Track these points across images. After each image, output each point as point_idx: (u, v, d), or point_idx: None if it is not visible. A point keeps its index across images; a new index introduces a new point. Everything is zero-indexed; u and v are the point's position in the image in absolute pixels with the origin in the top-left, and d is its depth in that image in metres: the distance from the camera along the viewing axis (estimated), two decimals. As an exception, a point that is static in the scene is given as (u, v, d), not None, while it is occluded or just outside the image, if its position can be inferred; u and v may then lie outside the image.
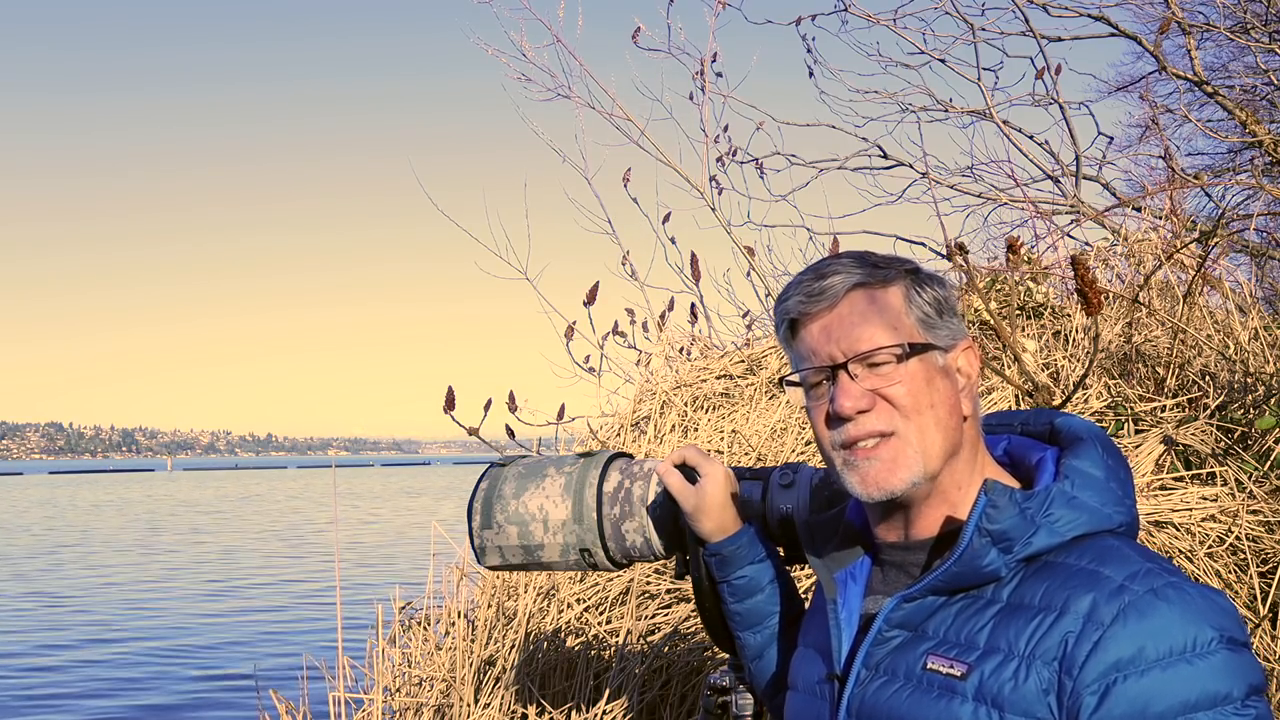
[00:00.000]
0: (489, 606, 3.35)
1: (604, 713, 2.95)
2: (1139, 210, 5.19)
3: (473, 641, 3.18)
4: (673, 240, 4.99)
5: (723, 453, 3.65)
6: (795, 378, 1.30)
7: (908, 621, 1.23)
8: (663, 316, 4.71)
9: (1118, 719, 1.07)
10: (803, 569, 3.02)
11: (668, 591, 3.26)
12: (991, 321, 3.25)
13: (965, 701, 1.14)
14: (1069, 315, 3.94)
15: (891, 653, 1.23)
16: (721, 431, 3.74)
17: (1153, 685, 1.06)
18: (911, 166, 5.90)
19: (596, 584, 3.32)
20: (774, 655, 1.60)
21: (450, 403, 3.67)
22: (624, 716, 2.95)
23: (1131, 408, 3.34)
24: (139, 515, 36.82)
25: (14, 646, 11.67)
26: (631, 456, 1.78)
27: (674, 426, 3.93)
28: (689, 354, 4.79)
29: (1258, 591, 2.79)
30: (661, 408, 4.01)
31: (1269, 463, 3.01)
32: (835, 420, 1.25)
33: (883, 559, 1.33)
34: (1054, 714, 1.10)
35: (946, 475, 1.25)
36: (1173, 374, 3.46)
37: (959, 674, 1.15)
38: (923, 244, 5.42)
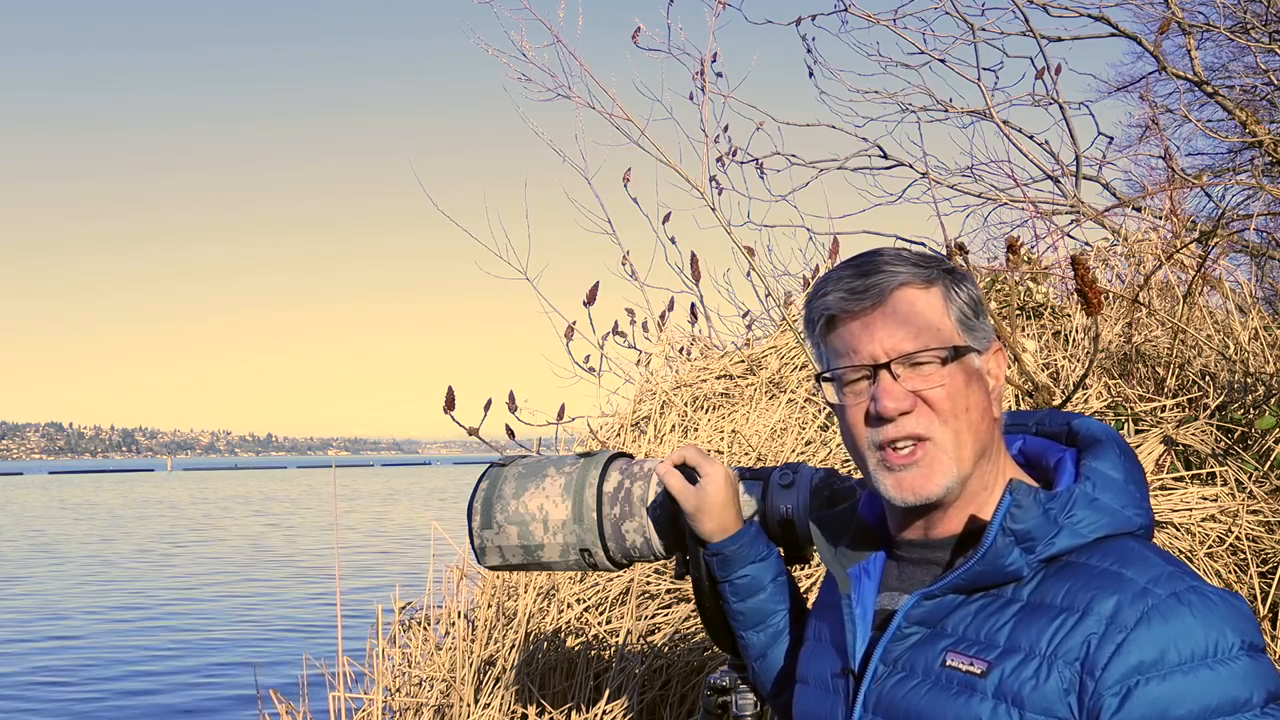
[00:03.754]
0: (489, 606, 3.34)
1: (604, 713, 2.95)
2: (1139, 210, 5.19)
3: (473, 641, 3.18)
4: (673, 240, 4.99)
5: (723, 453, 3.65)
6: (830, 374, 1.30)
7: (927, 618, 1.24)
8: (663, 316, 4.71)
9: None
10: (802, 569, 3.02)
11: (668, 591, 3.26)
12: (992, 321, 3.25)
13: (985, 699, 1.15)
14: (1069, 315, 3.94)
15: (910, 649, 1.23)
16: (721, 431, 3.74)
17: (1174, 689, 1.07)
18: (911, 166, 5.90)
19: (596, 584, 3.32)
20: (778, 654, 1.60)
21: (450, 403, 3.67)
22: (624, 716, 2.95)
23: (1131, 408, 3.34)
24: (137, 516, 36.81)
25: (13, 647, 11.67)
26: (631, 456, 1.78)
27: (674, 426, 3.93)
28: (689, 354, 4.79)
29: (1258, 591, 2.79)
30: (661, 408, 4.01)
31: (1269, 463, 3.01)
32: (875, 420, 1.25)
33: (900, 555, 1.33)
34: (1074, 714, 1.10)
35: (975, 477, 1.26)
36: (1173, 374, 3.46)
37: (979, 672, 1.16)
38: (923, 244, 5.42)
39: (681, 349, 4.79)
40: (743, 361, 4.29)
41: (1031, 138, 5.87)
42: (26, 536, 27.82)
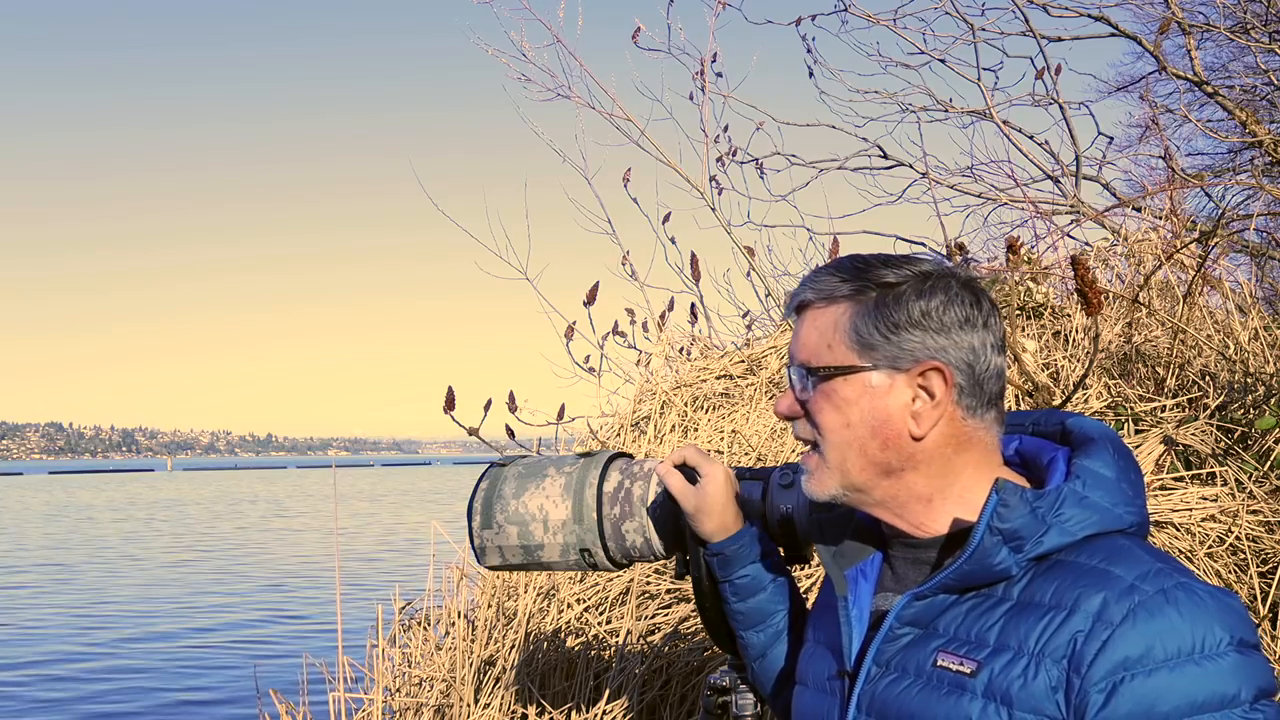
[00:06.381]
0: (489, 606, 3.35)
1: (604, 713, 2.95)
2: (1139, 210, 5.19)
3: (473, 641, 3.18)
4: (673, 240, 5.00)
5: (723, 453, 3.65)
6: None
7: (919, 619, 1.24)
8: (663, 316, 4.71)
9: (1123, 717, 1.07)
10: (802, 569, 3.02)
11: (668, 591, 3.26)
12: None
13: (975, 698, 1.15)
14: (1069, 315, 3.94)
15: (902, 650, 1.24)
16: (721, 431, 3.74)
17: (1160, 685, 1.07)
18: (911, 166, 5.91)
19: (596, 584, 3.32)
20: (778, 654, 1.60)
21: (450, 403, 3.68)
22: (624, 716, 2.95)
23: (1131, 408, 3.34)
24: (137, 515, 36.82)
25: (13, 648, 11.68)
26: (631, 456, 1.78)
27: (674, 426, 3.93)
28: (689, 354, 4.79)
29: (1258, 591, 2.79)
30: (661, 408, 4.01)
31: (1269, 463, 3.01)
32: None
33: (893, 556, 1.34)
34: (1062, 712, 1.11)
35: (897, 489, 1.27)
36: (1173, 374, 3.46)
37: (969, 671, 1.16)
38: (922, 244, 5.43)
39: (681, 349, 4.80)
40: (743, 361, 4.30)
41: (1031, 138, 5.88)
42: (29, 537, 27.83)
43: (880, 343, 1.26)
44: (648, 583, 3.27)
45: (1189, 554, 2.86)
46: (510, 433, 4.12)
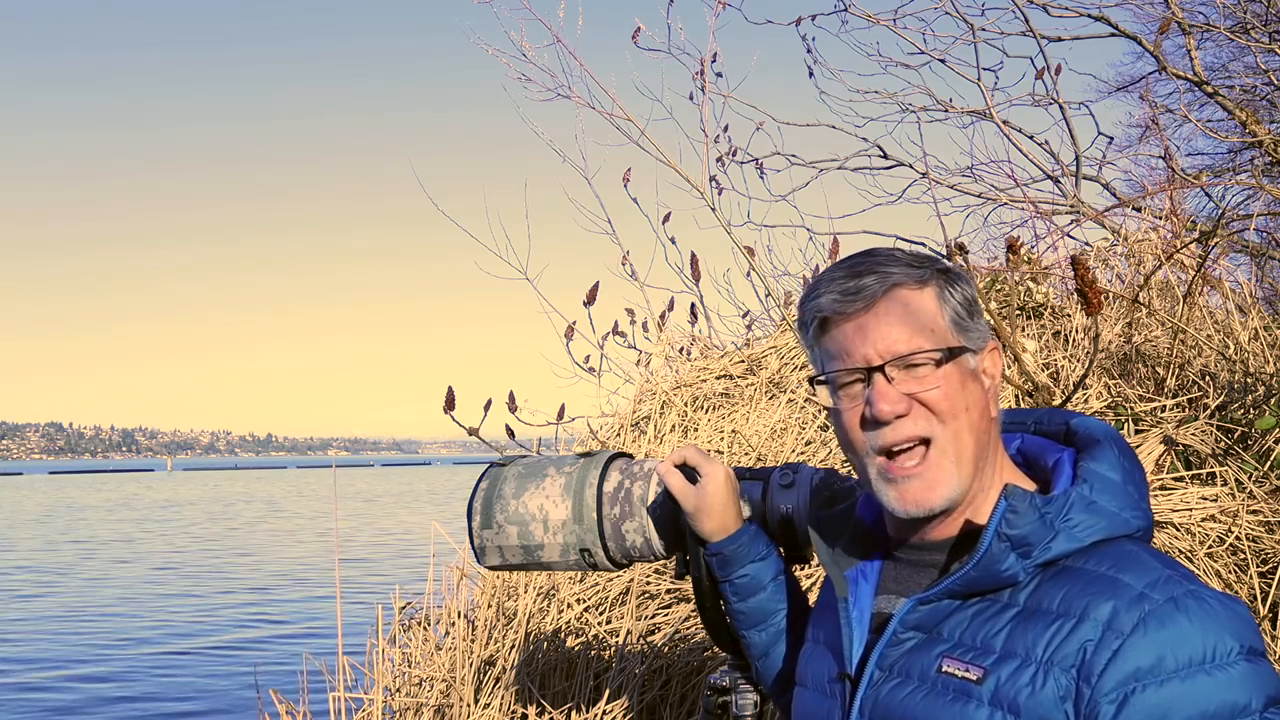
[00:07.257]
0: (489, 606, 3.35)
1: (604, 713, 2.95)
2: (1139, 210, 5.18)
3: (473, 641, 3.18)
4: (673, 240, 4.99)
5: (723, 453, 3.65)
6: (824, 377, 1.29)
7: (923, 624, 1.23)
8: (663, 316, 4.71)
9: None
10: (803, 569, 3.02)
11: (668, 591, 3.26)
12: (991, 322, 3.26)
13: (981, 705, 1.14)
14: (1069, 315, 3.94)
15: (906, 654, 1.23)
16: (721, 431, 3.74)
17: (1171, 695, 1.06)
18: (911, 166, 5.90)
19: (596, 584, 3.32)
20: (780, 653, 1.60)
21: (450, 403, 3.67)
22: (624, 716, 2.95)
23: (1131, 408, 3.34)
24: (136, 516, 36.81)
25: (15, 650, 11.67)
26: (631, 456, 1.78)
27: (674, 426, 3.93)
28: (689, 354, 4.79)
29: (1258, 591, 2.79)
30: (661, 408, 4.01)
31: (1269, 463, 3.01)
32: (872, 424, 1.23)
33: (897, 557, 1.32)
34: None
35: (974, 480, 1.25)
36: (1173, 374, 3.46)
37: (975, 678, 1.15)
38: (922, 244, 5.42)
39: (681, 349, 4.79)
40: (743, 361, 4.29)
41: (1031, 138, 5.87)
42: (32, 538, 27.83)
43: (970, 324, 1.26)
44: (648, 583, 3.27)
45: (1189, 554, 2.86)
46: (510, 433, 4.12)
